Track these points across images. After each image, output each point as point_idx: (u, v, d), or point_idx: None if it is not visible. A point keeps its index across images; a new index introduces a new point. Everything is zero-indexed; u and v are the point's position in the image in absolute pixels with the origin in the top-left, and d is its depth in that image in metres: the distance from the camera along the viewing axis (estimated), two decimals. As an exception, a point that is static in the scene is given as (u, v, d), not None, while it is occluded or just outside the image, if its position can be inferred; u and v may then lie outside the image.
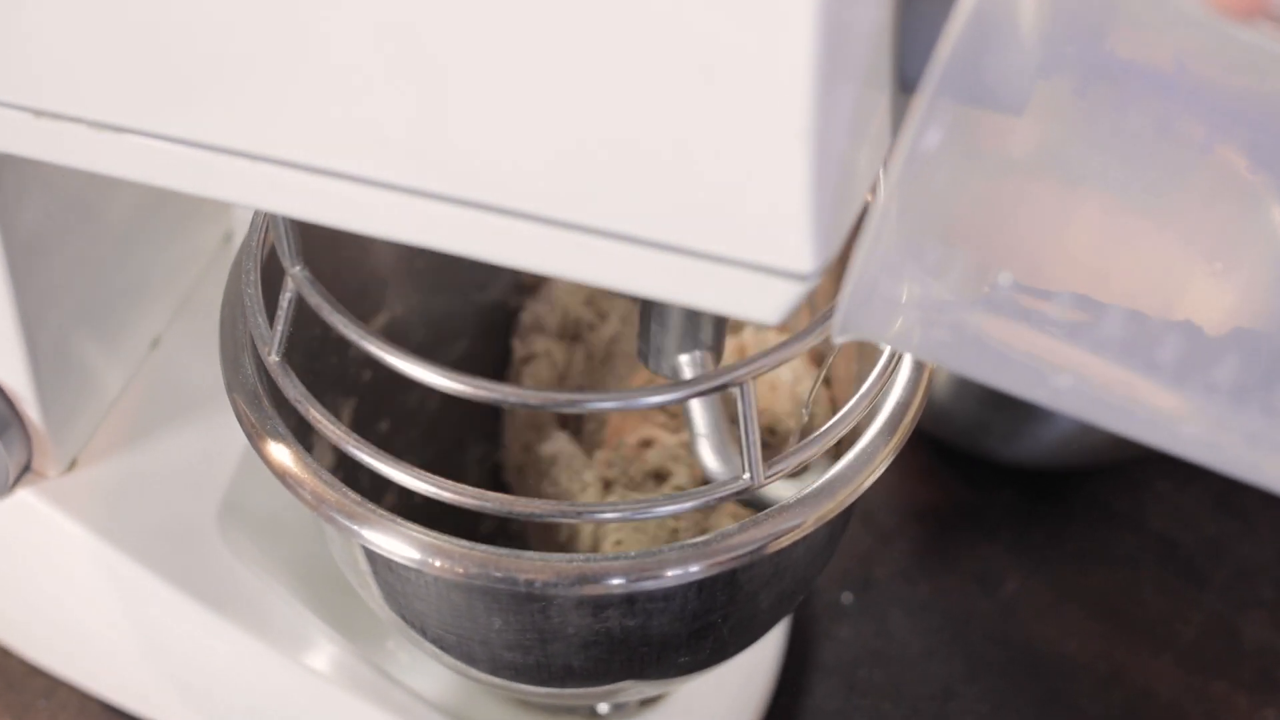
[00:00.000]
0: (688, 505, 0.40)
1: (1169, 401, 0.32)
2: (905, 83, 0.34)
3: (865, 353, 0.50)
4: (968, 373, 0.34)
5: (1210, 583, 0.68)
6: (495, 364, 0.62)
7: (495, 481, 0.63)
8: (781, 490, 0.45)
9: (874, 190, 0.39)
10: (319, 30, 0.34)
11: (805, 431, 0.44)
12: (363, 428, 0.56)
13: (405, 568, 0.42)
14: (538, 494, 0.58)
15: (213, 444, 0.57)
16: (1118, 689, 0.65)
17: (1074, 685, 0.65)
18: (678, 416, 0.57)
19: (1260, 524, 0.70)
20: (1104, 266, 0.34)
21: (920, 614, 0.67)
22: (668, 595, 0.42)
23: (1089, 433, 0.65)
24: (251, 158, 0.36)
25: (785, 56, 0.30)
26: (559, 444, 0.58)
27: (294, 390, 0.43)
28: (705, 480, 0.48)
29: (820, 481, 0.42)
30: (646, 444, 0.56)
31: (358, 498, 0.42)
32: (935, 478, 0.72)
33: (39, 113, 0.38)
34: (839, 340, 0.34)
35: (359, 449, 0.41)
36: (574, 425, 0.60)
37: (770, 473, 0.41)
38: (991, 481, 0.71)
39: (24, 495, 0.55)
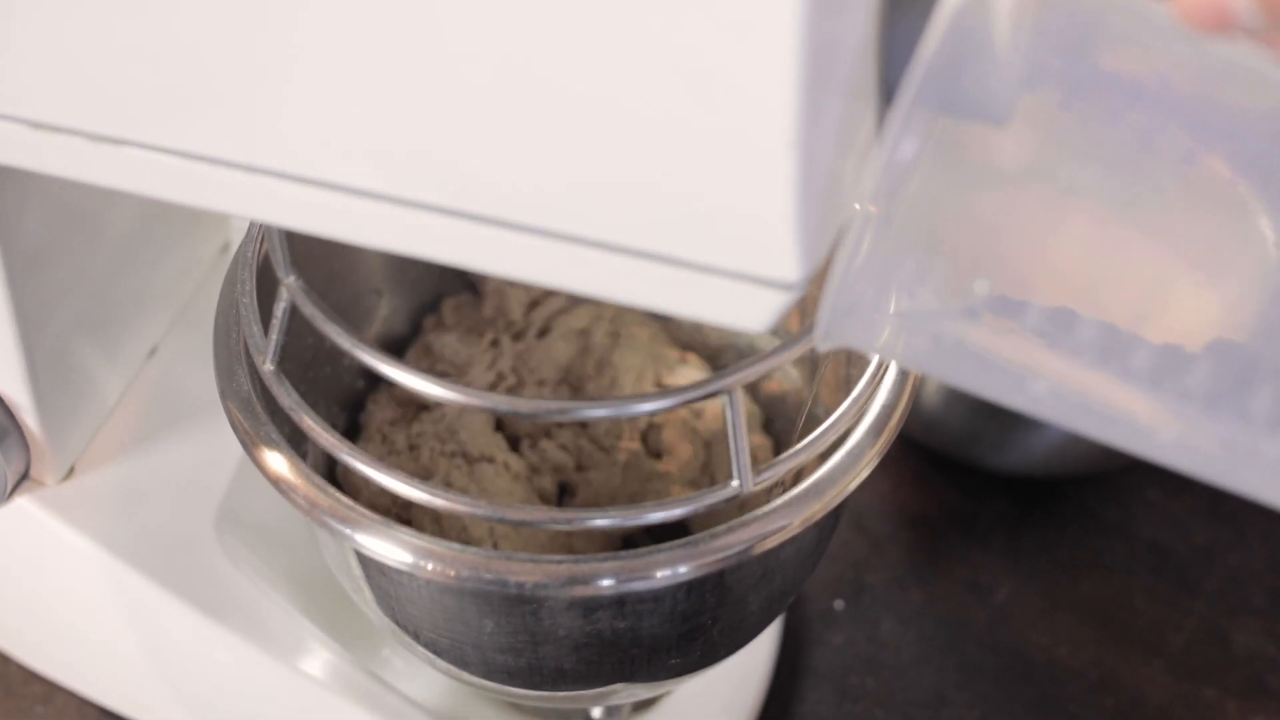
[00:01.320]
0: (678, 512, 0.41)
1: (1145, 407, 0.32)
2: (891, 95, 0.35)
3: (855, 359, 0.51)
4: (948, 379, 0.35)
5: (1201, 590, 0.69)
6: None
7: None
8: None
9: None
10: (316, 47, 0.34)
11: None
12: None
13: (398, 571, 0.43)
14: None
15: (210, 452, 0.57)
16: (1109, 695, 0.65)
17: (1065, 692, 0.65)
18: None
19: (1250, 531, 0.71)
20: (1088, 276, 0.34)
21: (912, 621, 0.67)
22: (657, 597, 0.43)
23: (1079, 441, 0.65)
24: (249, 170, 0.37)
25: (770, 69, 0.30)
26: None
27: (288, 399, 0.43)
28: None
29: (807, 483, 0.43)
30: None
31: (350, 502, 0.42)
32: (927, 486, 0.72)
33: (37, 125, 0.39)
34: (822, 349, 0.35)
35: (352, 456, 0.42)
36: None
37: (759, 479, 0.41)
38: (983, 489, 0.71)
39: (22, 503, 0.55)
